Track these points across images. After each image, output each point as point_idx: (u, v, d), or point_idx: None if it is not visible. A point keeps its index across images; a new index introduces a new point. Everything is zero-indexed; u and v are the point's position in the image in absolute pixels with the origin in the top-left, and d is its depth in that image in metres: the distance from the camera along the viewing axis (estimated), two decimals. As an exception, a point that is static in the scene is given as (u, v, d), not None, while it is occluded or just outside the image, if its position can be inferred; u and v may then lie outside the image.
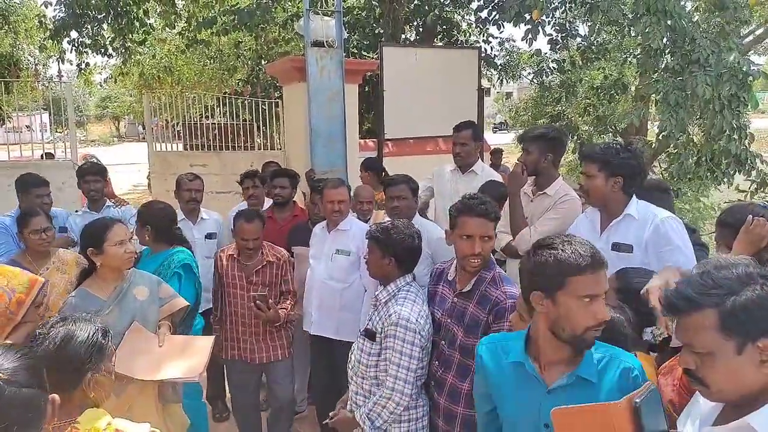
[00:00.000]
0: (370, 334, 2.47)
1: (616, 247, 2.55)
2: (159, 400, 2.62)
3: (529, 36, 6.79)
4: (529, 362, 1.64)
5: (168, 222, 3.27)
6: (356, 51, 9.13)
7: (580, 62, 9.34)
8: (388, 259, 2.47)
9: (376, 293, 2.54)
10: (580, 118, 10.81)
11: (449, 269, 2.49)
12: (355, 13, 9.50)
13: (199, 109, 8.42)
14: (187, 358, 2.54)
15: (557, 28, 8.60)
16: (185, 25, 10.02)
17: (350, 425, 2.49)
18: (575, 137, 9.35)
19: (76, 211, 4.38)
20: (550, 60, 9.99)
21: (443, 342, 2.38)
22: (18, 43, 12.88)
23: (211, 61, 13.59)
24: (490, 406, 1.79)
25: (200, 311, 3.56)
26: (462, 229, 2.29)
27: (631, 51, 10.16)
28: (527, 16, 6.43)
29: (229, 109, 7.48)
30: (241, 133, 7.10)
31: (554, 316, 1.56)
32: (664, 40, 5.57)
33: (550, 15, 8.29)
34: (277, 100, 6.85)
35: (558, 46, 8.81)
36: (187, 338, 2.78)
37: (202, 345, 2.65)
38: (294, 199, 4.42)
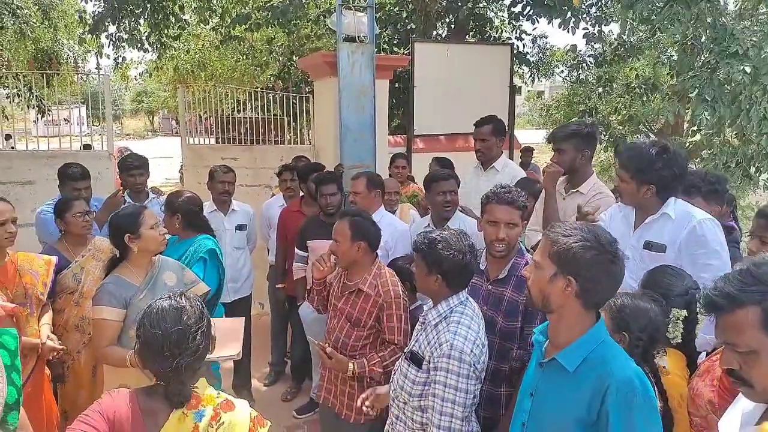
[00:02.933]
0: (416, 359, 2.20)
1: (648, 245, 2.49)
2: None
3: (571, 24, 6.63)
4: (542, 338, 1.73)
5: (196, 209, 3.36)
6: (387, 47, 9.11)
7: (611, 60, 9.14)
8: (435, 276, 2.18)
9: (425, 312, 2.28)
10: (612, 117, 10.58)
11: (480, 259, 2.53)
12: (387, 8, 9.48)
13: (231, 103, 8.53)
14: (222, 338, 2.59)
15: (592, 21, 8.43)
16: (219, 20, 10.16)
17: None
18: (608, 135, 9.16)
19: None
20: (586, 55, 9.80)
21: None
22: (58, 38, 13.22)
23: (244, 57, 13.74)
24: None
25: (225, 302, 3.62)
26: (489, 215, 2.45)
27: (665, 50, 9.90)
28: (565, 8, 6.29)
29: (260, 104, 7.54)
30: (272, 127, 7.15)
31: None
32: (702, 38, 5.39)
33: (585, 12, 8.15)
34: (308, 95, 6.88)
35: (594, 39, 8.61)
36: (217, 320, 2.81)
37: (234, 326, 2.73)
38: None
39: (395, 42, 9.36)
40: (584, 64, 9.92)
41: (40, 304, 2.82)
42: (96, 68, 7.71)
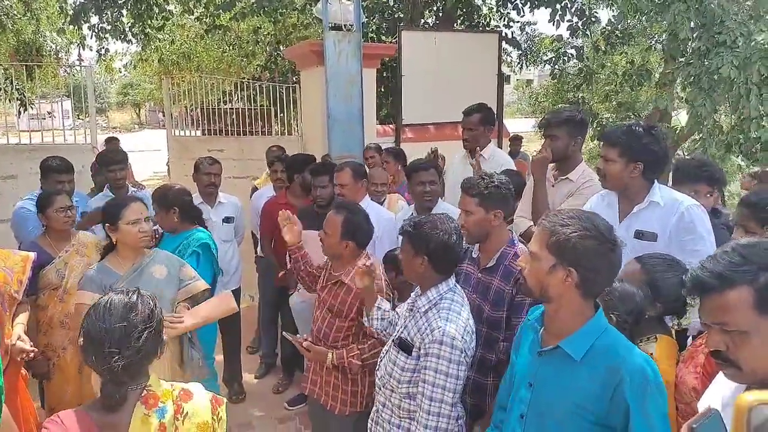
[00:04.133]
0: (404, 346, 2.18)
1: (640, 234, 2.47)
2: (185, 372, 2.65)
3: (557, 18, 6.62)
4: (538, 326, 1.73)
5: (190, 200, 3.33)
6: (374, 35, 9.03)
7: (604, 48, 9.12)
8: (421, 258, 2.16)
9: (413, 299, 2.27)
10: (601, 105, 10.58)
11: (473, 248, 2.56)
12: (373, -3, 9.38)
13: (217, 94, 8.43)
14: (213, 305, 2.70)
15: (578, 13, 8.40)
16: (204, 10, 10.00)
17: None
18: (595, 124, 9.18)
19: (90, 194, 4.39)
20: (569, 46, 9.78)
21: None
22: (40, 29, 12.98)
23: (230, 48, 13.58)
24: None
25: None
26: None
27: (656, 37, 9.90)
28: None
29: (247, 94, 7.45)
30: (259, 118, 7.08)
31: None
32: (691, 24, 5.40)
33: (571, 3, 8.12)
34: (295, 85, 6.81)
35: (577, 33, 8.60)
36: (204, 303, 2.78)
37: (223, 295, 2.79)
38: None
39: (383, 31, 9.28)
40: (565, 57, 9.90)
41: (14, 303, 2.73)
42: (78, 59, 7.56)
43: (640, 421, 1.47)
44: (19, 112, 9.87)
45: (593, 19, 8.63)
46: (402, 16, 8.80)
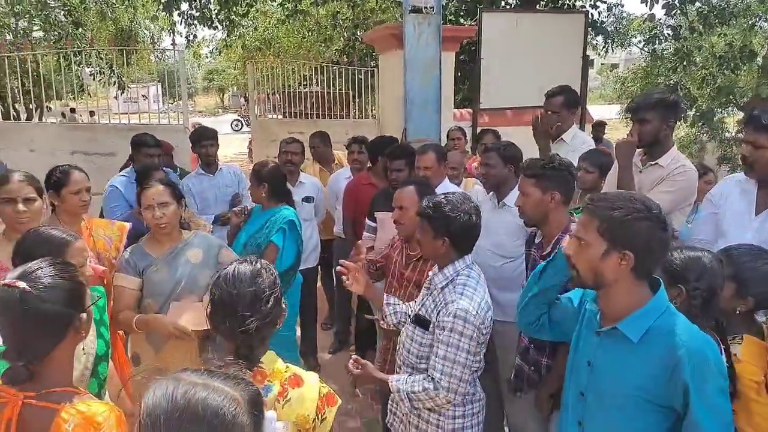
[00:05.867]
0: (421, 322, 2.20)
1: None
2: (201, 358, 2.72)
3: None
4: (595, 307, 1.72)
5: (282, 179, 3.44)
6: (453, 18, 8.90)
7: (701, 28, 8.47)
8: (441, 239, 2.16)
9: (431, 277, 2.27)
10: (697, 90, 9.87)
11: (537, 233, 2.54)
12: (453, -21, 9.23)
13: (297, 79, 8.65)
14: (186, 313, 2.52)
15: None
16: (286, -4, 10.26)
17: (374, 382, 2.29)
18: (694, 109, 8.55)
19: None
20: (664, 26, 9.16)
21: None
22: (136, 17, 13.81)
23: (309, 33, 13.88)
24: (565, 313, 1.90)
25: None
26: None
27: (760, 15, 9.10)
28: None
29: (326, 78, 7.61)
30: (337, 101, 7.21)
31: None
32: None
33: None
34: (373, 69, 6.87)
35: (674, 11, 8.04)
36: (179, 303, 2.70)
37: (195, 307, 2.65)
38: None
39: (461, 14, 9.12)
40: (661, 36, 9.25)
41: (112, 268, 2.97)
42: (172, 43, 8.00)
43: (700, 403, 1.45)
44: (117, 96, 10.61)
45: None
46: (482, -2, 8.60)
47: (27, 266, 1.42)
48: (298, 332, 4.10)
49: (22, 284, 1.35)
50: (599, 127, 8.35)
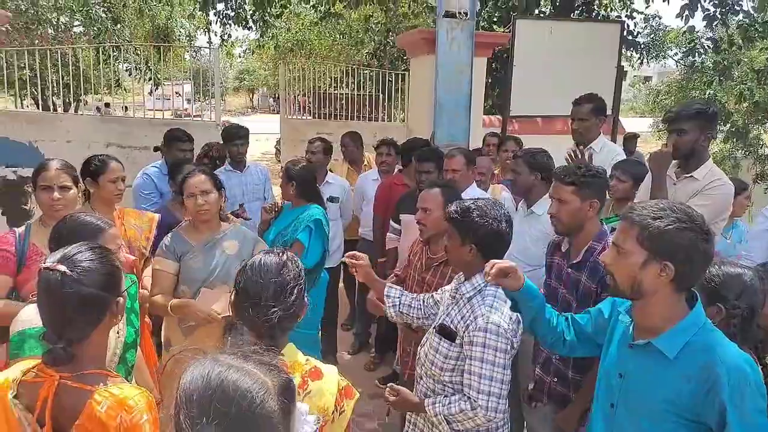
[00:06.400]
0: (447, 333, 2.09)
1: None
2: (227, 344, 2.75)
3: (686, 13, 6.11)
4: (627, 318, 1.68)
5: (310, 179, 3.47)
6: (486, 24, 8.87)
7: (741, 42, 8.27)
8: (468, 246, 2.07)
9: (458, 285, 2.16)
10: (734, 105, 9.63)
11: (563, 241, 2.48)
12: (488, -15, 9.22)
13: (327, 81, 8.72)
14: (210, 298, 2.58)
15: (716, 2, 7.68)
16: (319, -1, 10.36)
17: (411, 408, 2.20)
18: (729, 125, 8.37)
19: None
20: (703, 38, 8.97)
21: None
22: (173, 15, 14.10)
23: (341, 36, 13.98)
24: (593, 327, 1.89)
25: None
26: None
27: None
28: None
29: (355, 80, 7.65)
30: (366, 104, 7.24)
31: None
32: None
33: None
34: (404, 72, 6.88)
35: (715, 23, 7.86)
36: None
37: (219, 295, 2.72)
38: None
39: (494, 20, 9.09)
40: (701, 49, 9.06)
41: (143, 258, 3.03)
42: (208, 42, 8.15)
43: (738, 424, 1.40)
44: (151, 91, 10.84)
45: (735, 9, 7.81)
46: (516, 4, 8.55)
47: (66, 250, 1.45)
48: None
49: (62, 268, 1.38)
50: (631, 139, 8.21)
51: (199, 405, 0.94)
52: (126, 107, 8.62)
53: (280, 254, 1.64)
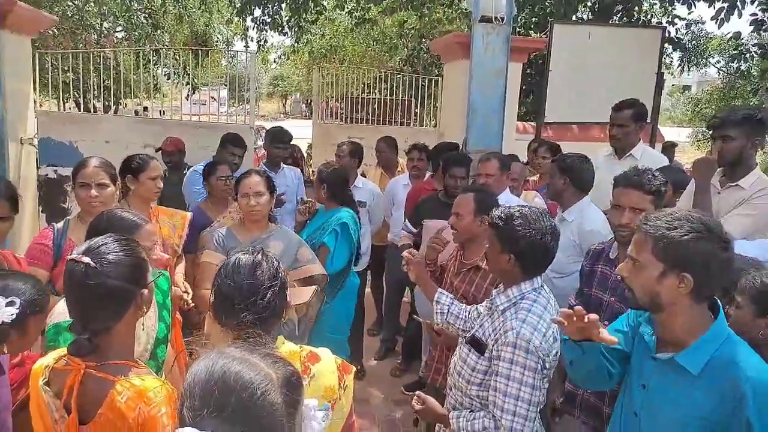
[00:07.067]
0: (477, 345, 2.01)
1: None
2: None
3: (721, 16, 5.91)
4: (649, 328, 1.64)
5: (341, 182, 3.48)
6: (522, 30, 8.78)
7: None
8: (508, 255, 1.97)
9: (493, 296, 2.08)
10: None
11: (609, 248, 2.41)
12: (524, -9, 9.13)
13: (360, 87, 8.77)
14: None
15: (763, 6, 7.41)
16: (354, 4, 10.44)
17: (436, 419, 2.15)
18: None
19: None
20: (750, 44, 8.67)
21: (606, 322, 2.22)
22: (211, 22, 14.41)
23: (374, 43, 14.05)
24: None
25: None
26: (614, 199, 2.32)
27: None
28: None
29: (388, 85, 7.66)
30: (398, 108, 7.24)
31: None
32: None
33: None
34: (437, 78, 6.85)
35: (764, 27, 7.57)
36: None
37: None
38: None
39: (531, 26, 8.98)
40: (747, 54, 8.74)
41: (175, 255, 3.07)
42: (245, 46, 8.30)
43: None
44: (188, 96, 11.07)
45: None
46: (554, 11, 8.43)
47: (92, 242, 1.47)
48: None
49: (86, 259, 1.40)
50: (670, 148, 8.01)
51: (201, 397, 0.93)
52: (162, 112, 8.82)
53: (256, 254, 1.60)
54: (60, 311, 1.80)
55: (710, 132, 2.98)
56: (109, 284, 1.39)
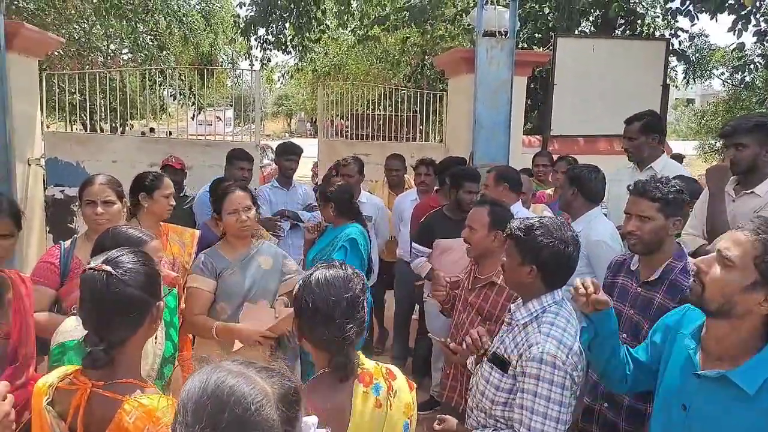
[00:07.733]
0: (499, 362, 1.92)
1: None
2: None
3: (738, 27, 5.92)
4: (693, 343, 1.54)
5: (348, 198, 3.45)
6: (525, 44, 8.81)
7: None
8: (529, 267, 1.90)
9: (513, 310, 2.00)
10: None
11: (630, 260, 2.36)
12: (527, 6, 9.18)
13: (364, 103, 8.81)
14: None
15: (766, 18, 7.43)
16: (358, 23, 10.54)
17: None
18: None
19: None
20: (753, 55, 8.67)
21: (624, 335, 2.18)
22: (216, 43, 14.58)
23: (377, 60, 14.16)
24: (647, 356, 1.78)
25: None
26: (626, 208, 2.29)
27: None
28: (733, 3, 5.62)
29: (392, 101, 7.70)
30: (403, 125, 7.25)
31: None
32: None
33: (757, 7, 7.19)
34: (441, 93, 6.87)
35: (767, 38, 7.59)
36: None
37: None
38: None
39: (534, 40, 9.02)
40: (751, 65, 8.75)
41: (185, 272, 3.03)
42: (250, 64, 8.38)
43: None
44: (194, 116, 11.15)
45: None
46: (556, 25, 8.47)
47: (109, 253, 1.46)
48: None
49: (107, 268, 1.39)
50: (677, 159, 7.94)
51: (194, 412, 0.90)
52: (169, 132, 8.89)
53: (343, 267, 1.57)
54: (65, 330, 1.77)
55: (722, 141, 2.94)
56: (129, 293, 1.38)
